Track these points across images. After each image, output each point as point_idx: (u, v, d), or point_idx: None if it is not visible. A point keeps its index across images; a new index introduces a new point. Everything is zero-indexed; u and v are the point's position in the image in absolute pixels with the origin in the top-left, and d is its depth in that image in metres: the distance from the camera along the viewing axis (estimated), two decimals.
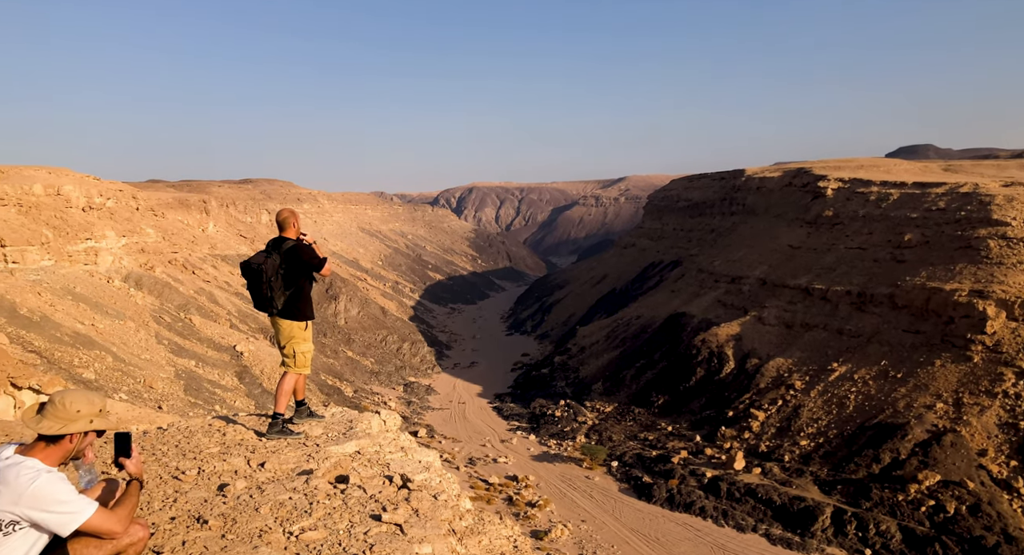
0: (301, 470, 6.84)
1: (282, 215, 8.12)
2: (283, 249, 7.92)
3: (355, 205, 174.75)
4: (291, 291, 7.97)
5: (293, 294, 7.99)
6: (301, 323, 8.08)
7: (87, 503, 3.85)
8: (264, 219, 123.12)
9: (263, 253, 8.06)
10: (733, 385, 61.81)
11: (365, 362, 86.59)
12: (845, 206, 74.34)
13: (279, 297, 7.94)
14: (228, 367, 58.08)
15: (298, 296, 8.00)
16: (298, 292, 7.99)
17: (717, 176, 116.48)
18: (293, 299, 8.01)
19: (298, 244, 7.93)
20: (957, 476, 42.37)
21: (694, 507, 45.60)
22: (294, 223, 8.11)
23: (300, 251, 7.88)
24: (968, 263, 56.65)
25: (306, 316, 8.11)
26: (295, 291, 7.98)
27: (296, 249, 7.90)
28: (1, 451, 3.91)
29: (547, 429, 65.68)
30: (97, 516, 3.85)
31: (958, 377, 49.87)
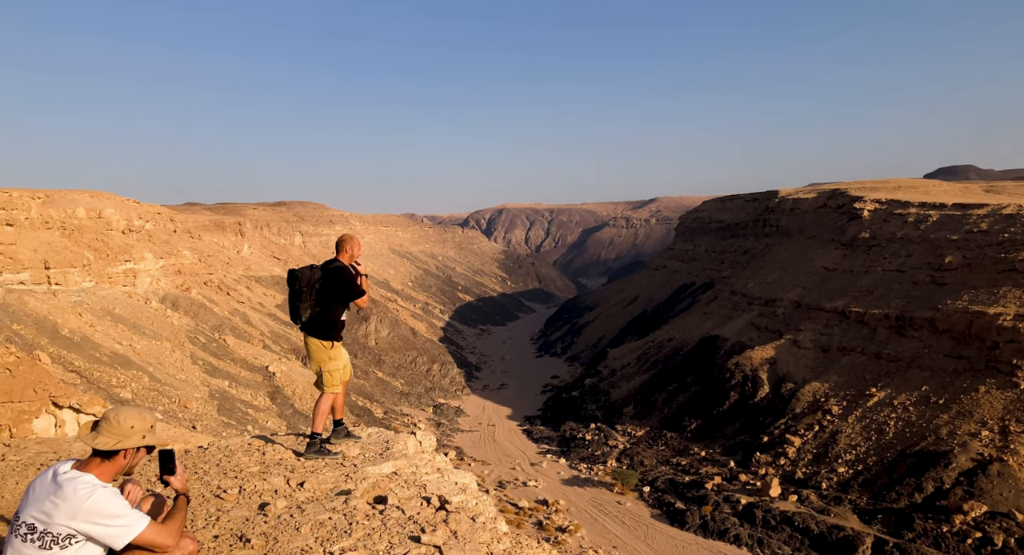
0: (340, 490, 6.85)
1: (340, 237, 8.26)
2: (327, 267, 8.04)
3: (386, 227, 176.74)
4: (321, 309, 8.00)
5: (323, 313, 8.01)
6: (327, 343, 8.10)
7: (140, 517, 3.94)
8: (297, 241, 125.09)
9: (311, 266, 8.17)
10: (768, 410, 60.62)
11: (395, 383, 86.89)
12: (882, 228, 73.04)
13: (306, 310, 8.00)
14: (261, 388, 58.72)
15: (327, 316, 8.02)
16: (327, 312, 8.01)
17: (750, 197, 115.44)
18: (322, 317, 8.04)
19: (343, 267, 8.02)
20: (1005, 507, 40.82)
21: (728, 535, 44.55)
22: (348, 248, 8.16)
23: (342, 273, 7.95)
24: (1013, 286, 55.10)
25: (332, 337, 8.13)
26: (324, 310, 8.01)
27: (339, 270, 7.97)
28: (58, 467, 4.00)
29: (577, 453, 64.99)
30: (150, 529, 3.93)
31: (1004, 404, 48.26)
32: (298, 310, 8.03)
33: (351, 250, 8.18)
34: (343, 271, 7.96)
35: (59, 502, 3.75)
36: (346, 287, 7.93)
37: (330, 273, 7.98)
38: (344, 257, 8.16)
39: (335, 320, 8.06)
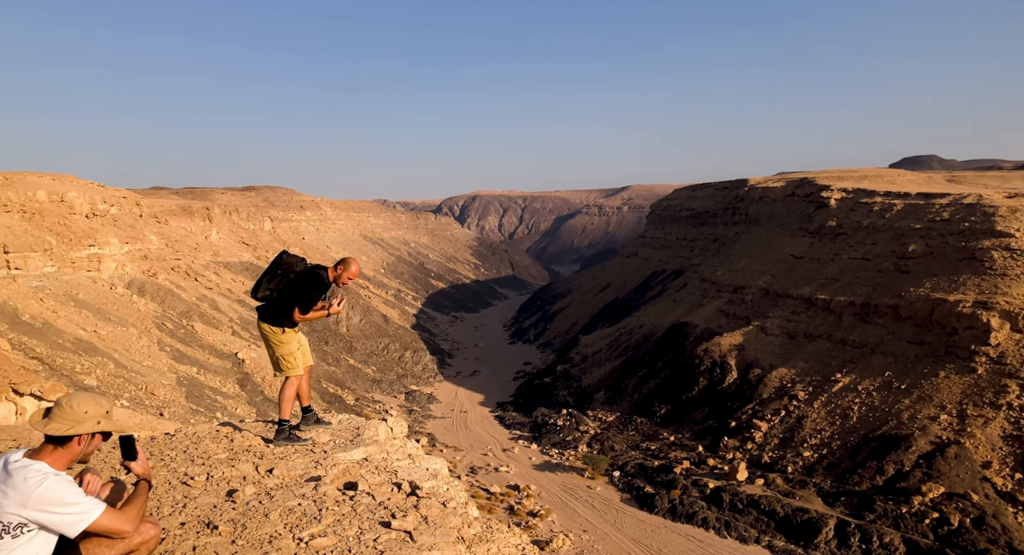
0: (309, 476, 6.82)
1: (344, 258, 8.22)
2: (312, 267, 8.02)
3: (358, 213, 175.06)
4: (279, 298, 8.00)
5: (279, 302, 8.01)
6: (277, 328, 8.09)
7: (95, 504, 3.87)
8: (267, 226, 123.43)
9: (303, 259, 8.17)
10: (736, 395, 61.63)
11: (367, 370, 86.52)
12: (848, 216, 74.35)
13: (265, 290, 8.03)
14: (230, 374, 58.04)
15: (284, 307, 8.00)
16: (285, 304, 7.98)
17: (720, 186, 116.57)
18: (276, 305, 8.04)
19: (322, 277, 7.94)
20: (961, 488, 42.13)
21: (696, 518, 45.37)
22: (342, 269, 8.06)
23: (315, 280, 7.88)
24: (972, 274, 56.56)
25: (284, 324, 8.10)
26: (283, 301, 7.99)
27: (315, 276, 7.90)
28: (9, 456, 3.91)
29: (549, 438, 65.48)
30: (106, 516, 3.87)
31: (962, 389, 49.68)
32: (259, 286, 8.05)
33: (343, 271, 8.10)
34: (318, 280, 7.89)
35: (8, 491, 3.67)
36: (304, 292, 7.88)
37: (307, 273, 7.93)
38: (332, 270, 8.10)
39: (290, 314, 7.99)
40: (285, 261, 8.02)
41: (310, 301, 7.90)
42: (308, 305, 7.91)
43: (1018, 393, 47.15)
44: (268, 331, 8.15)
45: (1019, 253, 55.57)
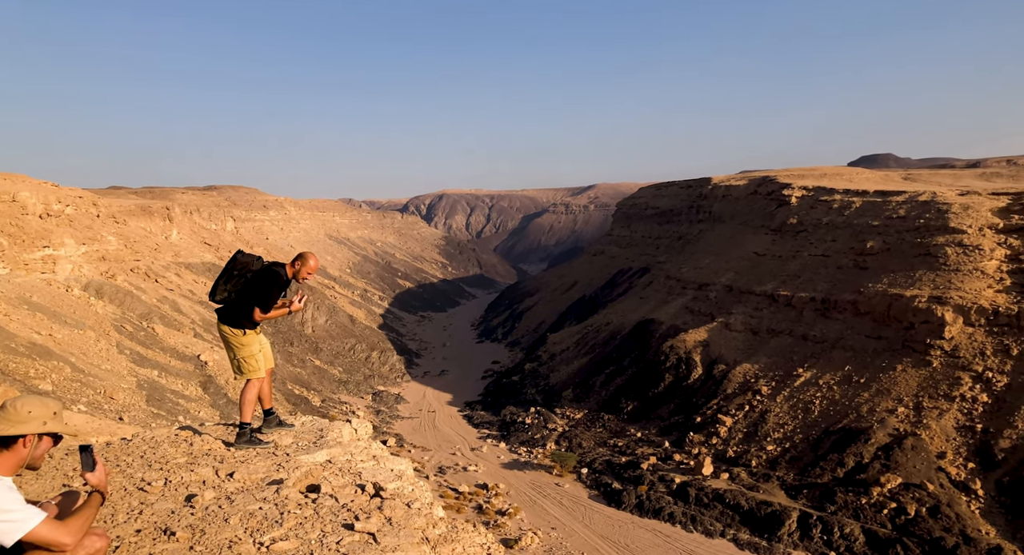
0: (271, 480, 6.72)
1: (302, 252, 8.16)
2: (266, 264, 7.90)
3: (322, 212, 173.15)
4: (238, 299, 7.91)
5: (238, 303, 7.92)
6: (237, 331, 7.98)
7: (33, 512, 3.71)
8: (229, 226, 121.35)
9: (259, 258, 8.06)
10: (701, 391, 62.44)
11: (333, 371, 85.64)
12: (809, 214, 75.82)
13: (222, 292, 7.93)
14: (192, 377, 56.95)
15: (242, 308, 7.91)
16: (244, 305, 7.89)
17: (684, 184, 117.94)
18: (235, 306, 7.95)
19: (279, 274, 7.82)
20: (918, 479, 43.31)
21: (663, 513, 45.88)
22: (299, 264, 8.02)
23: (273, 277, 7.77)
24: (927, 270, 58.14)
25: (243, 326, 8.01)
26: (241, 302, 7.90)
27: (272, 273, 7.79)
28: None
29: (517, 437, 65.59)
30: (44, 526, 3.71)
31: (918, 382, 51.06)
32: (216, 288, 7.95)
33: (300, 266, 8.01)
34: (276, 277, 7.78)
35: None
36: (263, 290, 7.76)
37: (264, 271, 7.81)
38: (290, 267, 8.00)
39: (250, 314, 7.88)
40: (240, 261, 7.90)
41: (270, 299, 7.79)
42: (268, 304, 7.81)
43: (971, 385, 48.63)
44: (228, 333, 8.03)
45: (971, 249, 57.27)
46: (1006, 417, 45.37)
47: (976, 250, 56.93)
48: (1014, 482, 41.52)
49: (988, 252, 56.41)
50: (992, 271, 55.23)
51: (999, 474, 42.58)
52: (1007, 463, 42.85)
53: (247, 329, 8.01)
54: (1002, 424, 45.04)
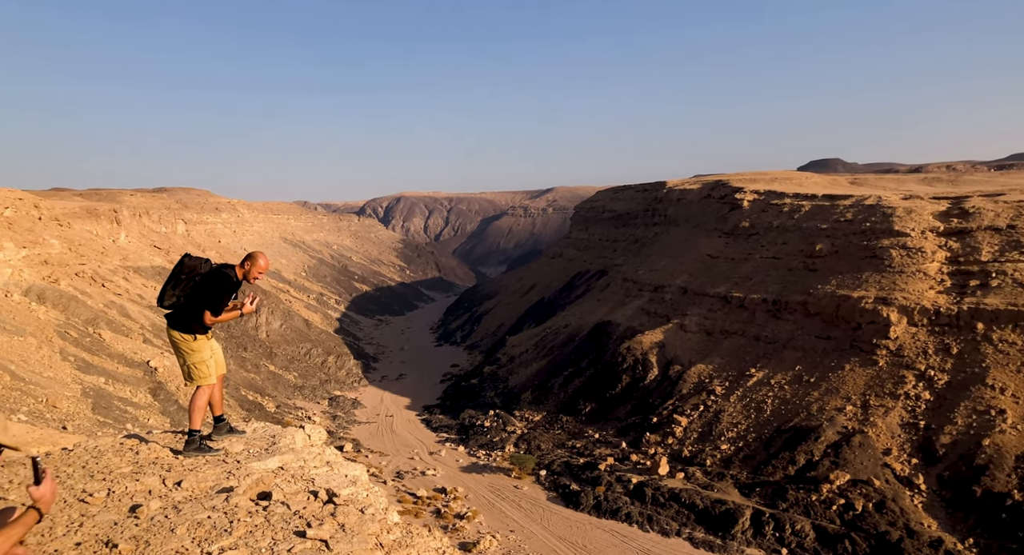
0: (221, 488, 6.59)
1: (253, 254, 7.99)
2: (217, 267, 7.75)
3: (277, 215, 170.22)
4: (187, 303, 7.77)
5: (188, 307, 7.78)
6: (188, 335, 7.83)
7: None
8: (180, 229, 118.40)
9: (207, 261, 7.92)
10: (657, 392, 63.26)
11: (288, 376, 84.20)
12: (760, 217, 77.55)
13: (171, 297, 7.79)
14: (141, 384, 55.32)
15: (192, 312, 7.77)
16: (194, 308, 7.76)
17: (640, 188, 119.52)
18: (185, 311, 7.81)
19: (228, 276, 7.68)
20: (865, 475, 44.62)
21: (620, 513, 46.32)
22: (248, 264, 7.88)
23: (222, 279, 7.63)
24: (873, 272, 60.01)
25: (193, 331, 7.86)
26: (191, 306, 7.76)
27: (221, 276, 7.65)
28: None
29: (476, 440, 65.45)
30: None
31: (865, 380, 52.65)
32: (164, 293, 7.80)
33: (250, 267, 7.88)
34: (225, 279, 7.64)
35: None
36: (213, 293, 7.63)
37: (212, 274, 7.67)
38: (240, 269, 7.86)
39: (201, 319, 7.73)
40: (188, 264, 7.75)
41: (220, 302, 7.66)
42: (219, 307, 7.68)
43: (914, 383, 50.36)
44: (179, 339, 7.87)
45: (914, 251, 59.33)
46: (947, 414, 47.10)
47: (919, 252, 58.99)
48: (954, 476, 43.12)
49: (930, 254, 58.52)
50: (933, 272, 57.31)
51: (940, 469, 44.16)
52: (948, 458, 44.47)
53: (197, 334, 7.86)
54: (943, 421, 46.74)
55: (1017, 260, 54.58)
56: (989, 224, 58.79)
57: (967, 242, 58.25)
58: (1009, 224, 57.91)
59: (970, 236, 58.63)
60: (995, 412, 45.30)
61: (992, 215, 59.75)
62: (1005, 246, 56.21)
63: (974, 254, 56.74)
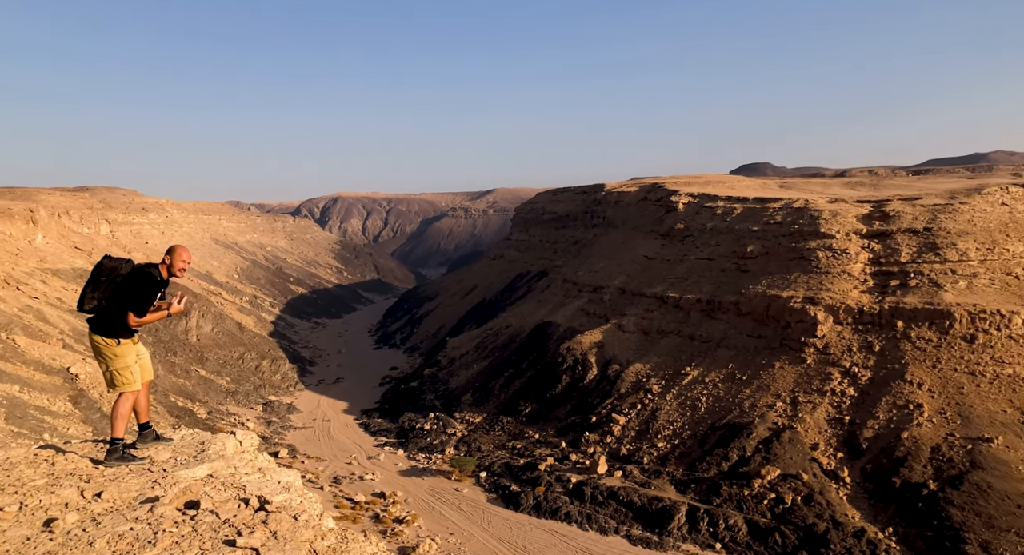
0: (145, 498, 6.31)
1: (173, 247, 7.78)
2: (139, 267, 7.45)
3: (208, 215, 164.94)
4: (109, 305, 7.50)
5: (110, 309, 7.50)
6: (111, 340, 7.52)
7: None
8: (104, 230, 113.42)
9: (128, 261, 7.64)
10: (596, 391, 64.06)
11: (220, 381, 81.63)
12: (695, 219, 79.54)
13: (91, 301, 7.50)
14: (60, 391, 52.64)
15: (115, 314, 7.50)
16: (116, 311, 7.48)
17: (579, 190, 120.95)
18: (107, 314, 7.53)
19: (151, 274, 7.39)
20: (794, 469, 46.26)
21: (560, 513, 46.68)
22: (168, 258, 7.67)
23: (145, 279, 7.34)
24: (801, 272, 62.33)
25: (117, 335, 7.56)
26: (113, 308, 7.48)
27: (144, 275, 7.36)
28: None
29: (416, 443, 64.89)
30: None
31: (794, 378, 54.62)
32: (84, 297, 7.48)
33: (172, 260, 7.60)
34: (148, 278, 7.35)
35: None
36: (136, 294, 7.33)
37: (134, 273, 7.36)
38: (163, 267, 7.57)
39: (125, 321, 7.41)
40: (107, 266, 7.43)
41: (145, 303, 7.37)
42: (143, 307, 7.39)
43: (840, 380, 52.54)
44: (101, 344, 7.54)
45: (840, 252, 61.91)
46: (869, 409, 49.32)
47: (843, 253, 61.59)
48: (876, 469, 45.19)
49: (854, 255, 61.18)
50: (857, 273, 59.94)
51: (863, 462, 46.21)
52: (870, 451, 46.57)
53: (122, 338, 7.54)
54: (866, 415, 48.92)
55: (933, 261, 57.64)
56: (908, 227, 61.88)
57: (888, 244, 61.16)
58: (925, 227, 61.09)
59: (891, 238, 61.59)
60: (913, 406, 47.70)
61: (910, 218, 62.92)
62: (922, 247, 59.27)
63: (894, 255, 59.62)
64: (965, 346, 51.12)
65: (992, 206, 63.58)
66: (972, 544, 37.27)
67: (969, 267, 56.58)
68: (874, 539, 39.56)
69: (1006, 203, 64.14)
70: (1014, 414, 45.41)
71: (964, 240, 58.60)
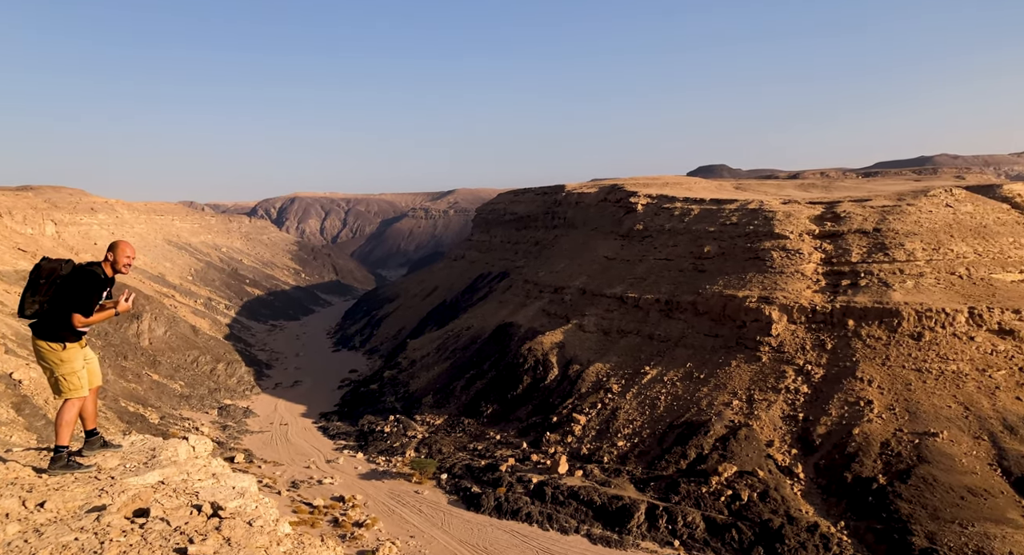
0: (92, 507, 6.10)
1: (115, 243, 7.57)
2: (77, 266, 7.21)
3: (160, 216, 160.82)
4: (52, 308, 7.24)
5: (53, 312, 7.25)
6: (56, 345, 7.27)
7: None
8: (49, 231, 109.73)
9: (67, 261, 7.39)
10: (557, 391, 64.36)
11: (174, 385, 79.62)
12: (654, 220, 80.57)
13: (32, 305, 7.24)
14: (2, 398, 50.66)
15: (59, 317, 7.26)
16: (60, 313, 7.24)
17: (540, 191, 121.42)
18: (51, 317, 7.27)
19: (93, 272, 7.16)
20: (750, 466, 47.17)
21: (521, 513, 46.75)
22: (111, 255, 7.45)
23: (89, 277, 7.10)
24: (756, 272, 63.63)
25: (63, 339, 7.32)
26: (56, 310, 7.23)
27: (87, 274, 7.13)
28: None
29: (376, 446, 64.27)
30: None
31: (750, 376, 55.71)
32: (24, 302, 7.21)
33: (114, 256, 7.37)
34: (91, 276, 7.11)
35: None
36: (80, 294, 7.10)
37: (76, 273, 7.12)
38: (106, 265, 7.33)
39: (70, 323, 7.17)
40: (46, 268, 7.18)
41: (90, 302, 7.14)
42: (89, 307, 7.16)
43: (794, 378, 53.78)
44: (46, 349, 7.26)
45: (793, 253, 63.39)
46: (822, 406, 50.60)
47: (797, 254, 63.08)
48: (829, 464, 46.38)
49: (807, 256, 62.72)
50: (810, 273, 61.45)
51: (817, 458, 47.38)
52: (823, 447, 47.78)
53: (68, 342, 7.27)
54: (819, 412, 50.17)
55: (882, 261, 59.43)
56: (858, 227, 63.70)
57: (839, 244, 62.86)
58: (875, 227, 62.96)
59: (842, 239, 63.31)
60: (864, 403, 49.09)
61: (860, 219, 64.78)
62: (872, 248, 61.08)
63: (845, 255, 61.31)
64: (912, 344, 52.84)
65: (937, 208, 65.90)
66: (919, 536, 38.53)
67: (916, 267, 58.51)
68: (827, 533, 40.57)
69: (950, 205, 66.54)
70: (958, 409, 47.12)
71: (911, 241, 60.60)
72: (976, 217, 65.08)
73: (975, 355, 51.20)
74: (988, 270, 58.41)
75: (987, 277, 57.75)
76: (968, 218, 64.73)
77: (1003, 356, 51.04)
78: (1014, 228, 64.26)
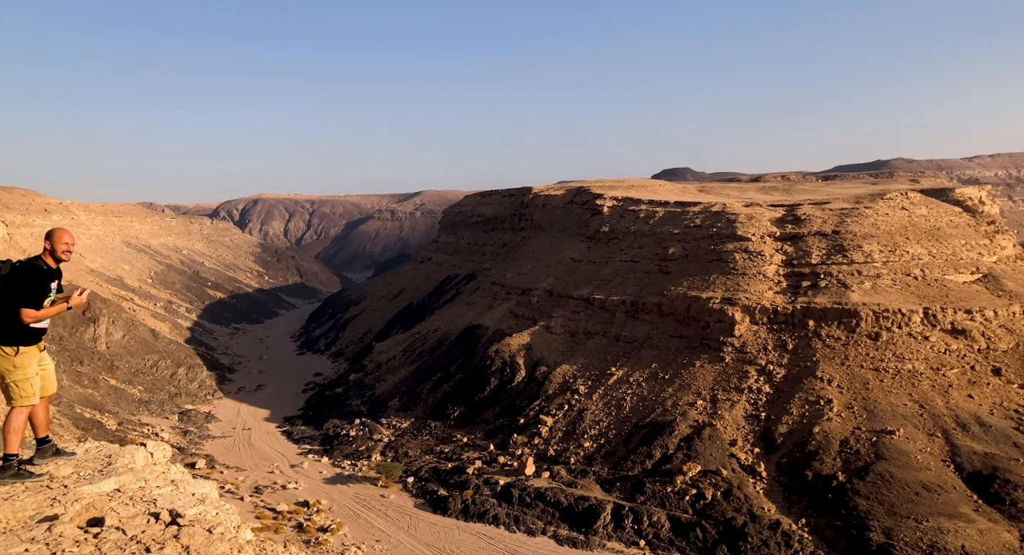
0: (43, 516, 5.92)
1: (50, 231, 7.34)
2: (16, 263, 6.97)
3: (119, 217, 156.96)
4: None
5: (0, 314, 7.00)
6: (9, 349, 7.03)
7: None
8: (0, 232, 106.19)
9: (7, 261, 7.17)
10: (524, 393, 64.43)
11: (132, 391, 77.74)
12: (619, 222, 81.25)
13: None
14: None
15: (8, 318, 7.01)
16: (8, 313, 7.00)
17: (507, 193, 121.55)
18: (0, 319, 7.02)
19: (35, 266, 6.94)
20: (714, 465, 47.81)
21: (488, 516, 46.69)
22: (49, 244, 7.24)
23: (32, 272, 6.89)
24: (720, 274, 64.59)
25: (15, 342, 7.08)
26: (4, 312, 7.00)
27: (31, 269, 6.91)
28: None
29: (341, 450, 63.58)
30: None
31: (714, 376, 56.49)
32: None
33: (53, 245, 7.15)
34: (34, 270, 6.90)
35: None
36: (26, 289, 6.88)
37: (19, 268, 6.89)
38: (47, 257, 7.11)
39: (20, 324, 6.94)
40: None
41: (37, 295, 6.92)
42: (37, 300, 6.95)
43: (756, 377, 54.68)
44: None
45: (755, 255, 64.49)
46: (784, 405, 51.54)
47: (759, 256, 64.19)
48: (790, 463, 47.26)
49: (768, 257, 63.87)
50: (772, 274, 62.59)
51: (779, 456, 48.24)
52: (785, 446, 48.67)
53: (22, 346, 7.03)
54: (780, 411, 51.10)
55: (841, 263, 60.82)
56: (818, 230, 65.10)
57: (800, 246, 64.17)
58: (834, 230, 64.42)
59: (802, 240, 64.64)
60: (824, 402, 50.14)
61: (820, 221, 66.21)
62: (831, 250, 62.47)
63: (806, 257, 62.60)
64: (870, 343, 54.16)
65: (893, 210, 67.69)
66: (876, 531, 39.46)
67: (873, 268, 60.01)
68: (788, 531, 41.31)
69: (905, 207, 68.41)
70: (913, 407, 48.44)
71: (869, 243, 62.13)
72: (930, 220, 67.03)
73: (929, 354, 52.71)
74: (942, 271, 60.20)
75: (941, 278, 59.52)
76: (923, 221, 66.63)
77: (955, 355, 52.64)
78: (965, 231, 66.36)
